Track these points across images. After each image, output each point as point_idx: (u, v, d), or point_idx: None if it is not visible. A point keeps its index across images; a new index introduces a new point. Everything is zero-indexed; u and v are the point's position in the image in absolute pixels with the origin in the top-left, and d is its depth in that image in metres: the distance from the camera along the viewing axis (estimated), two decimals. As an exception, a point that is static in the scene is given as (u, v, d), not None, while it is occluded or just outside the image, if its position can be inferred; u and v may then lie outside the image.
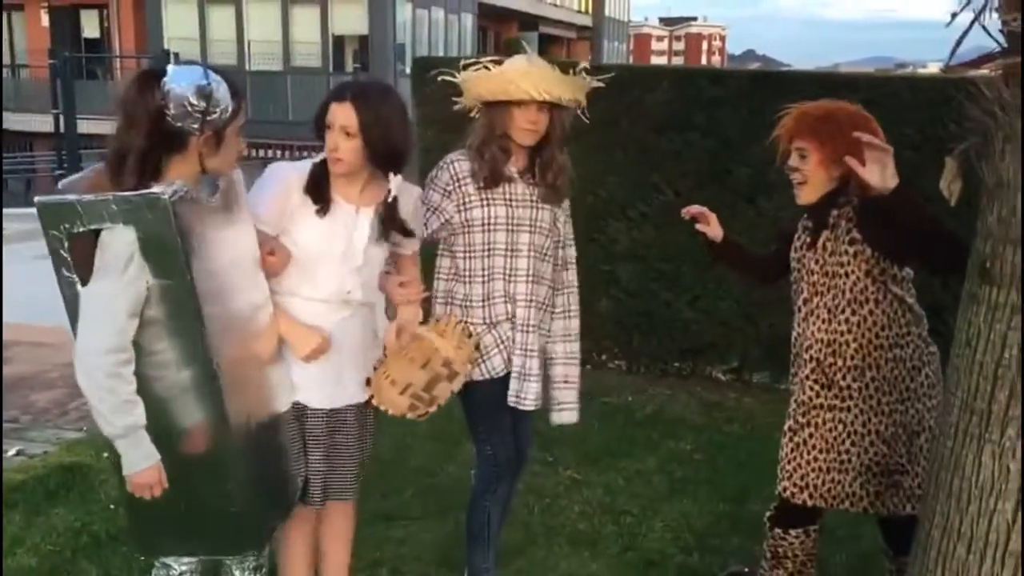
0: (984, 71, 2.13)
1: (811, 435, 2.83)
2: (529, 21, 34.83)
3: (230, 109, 2.29)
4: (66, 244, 2.17)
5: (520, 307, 2.97)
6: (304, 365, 2.68)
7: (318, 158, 2.67)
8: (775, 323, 5.32)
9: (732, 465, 4.50)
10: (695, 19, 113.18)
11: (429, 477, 4.20)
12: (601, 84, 2.97)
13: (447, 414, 3.03)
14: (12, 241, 11.53)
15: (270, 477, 2.60)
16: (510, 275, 2.96)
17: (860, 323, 2.74)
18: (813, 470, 2.83)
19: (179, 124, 2.23)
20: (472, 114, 2.96)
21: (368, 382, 2.78)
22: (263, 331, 2.59)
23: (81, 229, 2.15)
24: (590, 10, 26.61)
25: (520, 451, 3.16)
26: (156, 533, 2.51)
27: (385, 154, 2.61)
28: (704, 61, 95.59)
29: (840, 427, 2.79)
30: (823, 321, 2.79)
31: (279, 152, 16.08)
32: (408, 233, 2.79)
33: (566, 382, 3.13)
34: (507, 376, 2.98)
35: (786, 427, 2.91)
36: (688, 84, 5.60)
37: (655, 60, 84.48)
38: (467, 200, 2.92)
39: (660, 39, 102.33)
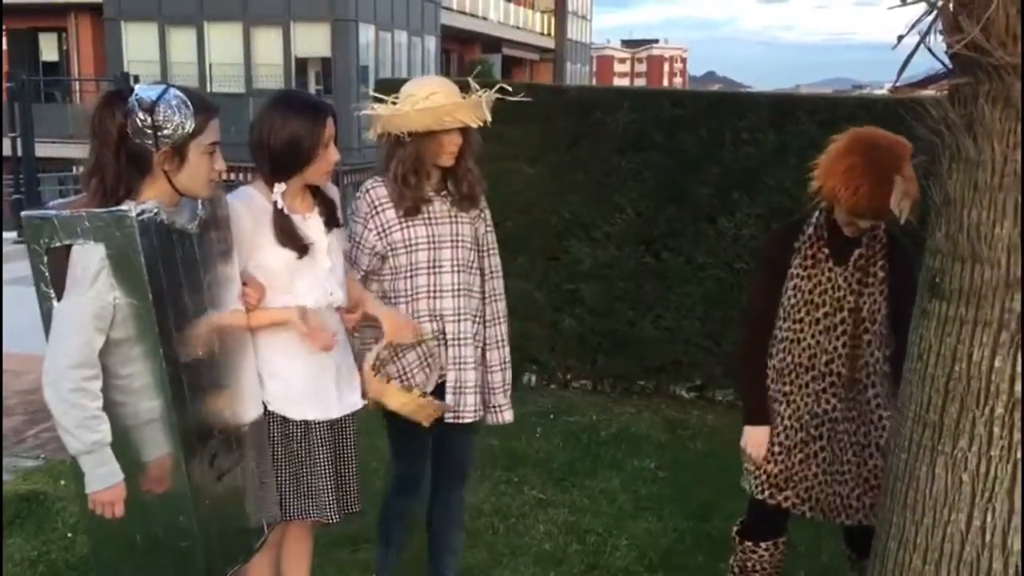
0: (931, 92, 2.20)
1: (822, 448, 2.86)
2: (492, 43, 35.02)
3: (186, 126, 2.28)
4: (44, 259, 2.22)
5: (449, 322, 2.98)
6: (302, 382, 2.71)
7: (258, 195, 2.67)
8: (738, 341, 5.38)
9: (696, 483, 4.52)
10: (656, 41, 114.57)
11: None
12: (508, 98, 3.00)
13: (411, 436, 3.02)
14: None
15: (228, 516, 2.54)
16: (435, 292, 2.97)
17: (871, 340, 2.80)
18: (819, 483, 2.86)
19: (138, 141, 2.26)
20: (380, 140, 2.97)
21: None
22: (240, 349, 2.60)
23: (57, 244, 2.20)
24: (552, 33, 26.85)
25: (458, 464, 3.20)
26: (115, 562, 2.48)
27: None
28: (666, 83, 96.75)
29: (846, 438, 2.84)
30: (848, 336, 2.81)
31: (241, 175, 15.97)
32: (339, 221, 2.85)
33: (504, 386, 3.14)
34: (431, 393, 2.99)
35: (793, 440, 2.88)
36: (649, 105, 5.68)
37: (617, 82, 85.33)
38: (387, 225, 2.95)
39: (622, 61, 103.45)
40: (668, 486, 4.51)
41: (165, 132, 2.25)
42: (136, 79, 14.37)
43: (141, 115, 2.24)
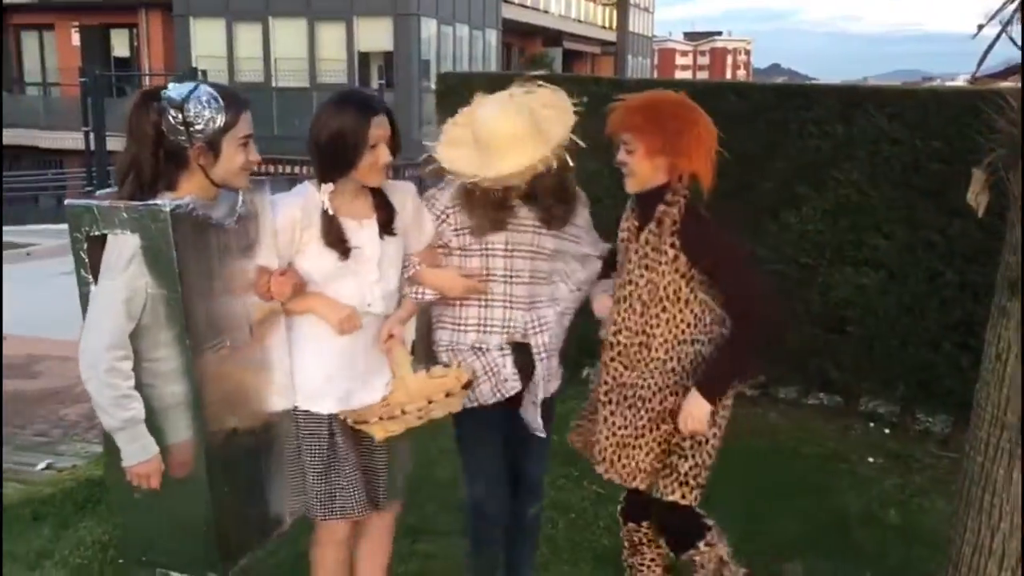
0: (1011, 83, 2.12)
1: (612, 412, 2.87)
2: (553, 37, 34.93)
3: (217, 121, 2.36)
4: (84, 246, 2.34)
5: (533, 335, 2.86)
6: (326, 376, 2.69)
7: (314, 193, 2.64)
8: (803, 338, 5.29)
9: (758, 481, 4.45)
10: (720, 34, 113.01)
11: (455, 492, 4.18)
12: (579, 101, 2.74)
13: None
14: (43, 257, 11.70)
15: (246, 504, 2.61)
16: (509, 302, 2.85)
17: (670, 320, 2.76)
18: (611, 445, 2.88)
19: (172, 138, 2.35)
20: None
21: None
22: (272, 340, 2.64)
23: (96, 232, 2.31)
24: (614, 26, 26.68)
25: (533, 478, 3.09)
26: (142, 539, 2.61)
27: None
28: (729, 75, 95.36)
29: (640, 404, 2.82)
30: (636, 313, 2.79)
31: (305, 168, 16.18)
32: (414, 224, 2.77)
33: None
34: (497, 405, 2.86)
35: (593, 410, 2.96)
36: (713, 97, 5.58)
37: (679, 75, 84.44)
38: (463, 224, 2.81)
39: (684, 54, 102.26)
40: (727, 483, 4.45)
41: (197, 127, 2.34)
42: (204, 74, 14.65)
43: (173, 113, 2.33)
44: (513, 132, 2.59)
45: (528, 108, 2.65)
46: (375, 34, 23.08)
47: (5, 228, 12.06)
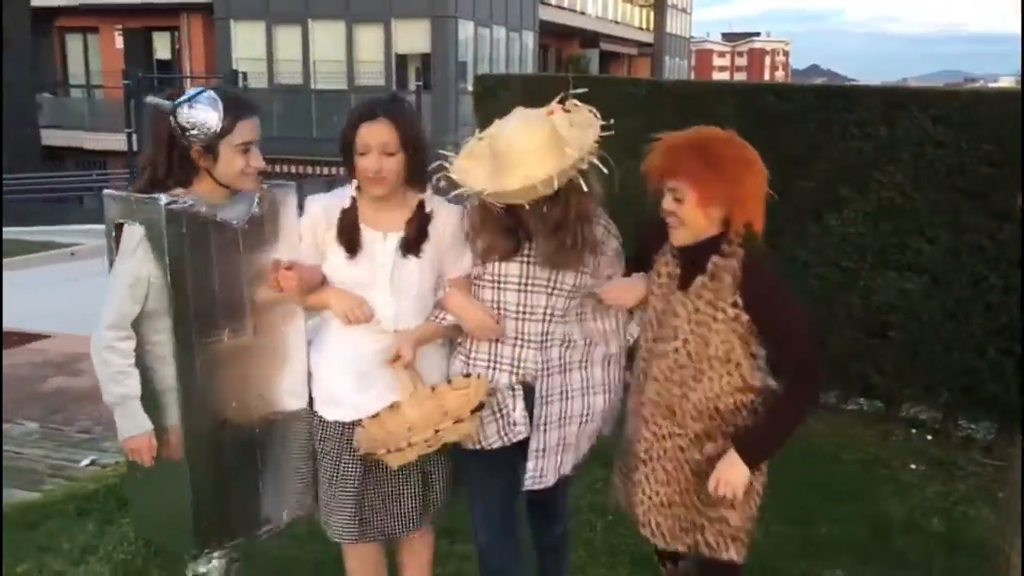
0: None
1: (653, 470, 2.64)
2: (590, 38, 34.85)
3: (210, 126, 2.47)
4: (113, 233, 2.54)
5: (538, 377, 2.67)
6: (337, 383, 2.67)
7: (348, 195, 2.63)
8: (843, 342, 5.22)
9: (798, 486, 4.41)
10: (758, 34, 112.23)
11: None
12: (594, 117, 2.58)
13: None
14: (87, 257, 11.88)
15: (235, 494, 2.68)
16: (520, 340, 2.67)
17: (718, 379, 2.52)
18: (655, 506, 2.66)
19: (179, 140, 2.49)
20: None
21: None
22: (282, 341, 2.71)
23: (119, 221, 2.52)
24: (651, 27, 26.56)
25: (552, 515, 2.96)
26: (142, 515, 2.85)
27: (421, 167, 2.58)
28: (767, 76, 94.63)
29: (679, 453, 2.60)
30: (680, 367, 2.55)
31: (342, 170, 16.26)
32: (451, 249, 2.65)
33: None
34: (503, 450, 2.70)
35: (632, 467, 2.71)
36: (752, 99, 5.55)
37: (716, 76, 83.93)
38: (476, 251, 2.67)
39: (722, 55, 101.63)
40: (769, 489, 4.40)
41: (191, 133, 2.47)
42: (244, 76, 14.81)
43: (172, 119, 2.47)
44: (529, 147, 2.43)
45: (552, 124, 2.49)
46: (412, 36, 23.18)
47: (49, 228, 12.29)
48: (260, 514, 2.75)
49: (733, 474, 2.49)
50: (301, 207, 2.72)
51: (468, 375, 2.68)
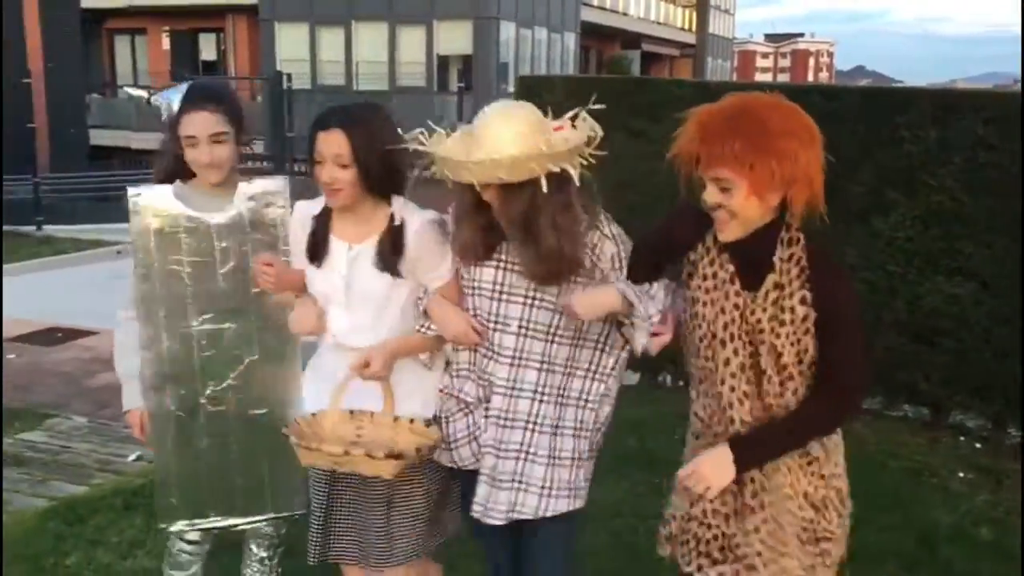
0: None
1: (764, 520, 2.24)
2: (631, 39, 34.77)
3: (163, 116, 2.67)
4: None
5: (498, 394, 2.42)
6: (316, 392, 2.59)
7: (323, 202, 2.51)
8: (889, 347, 5.15)
9: (843, 493, 4.36)
10: (802, 35, 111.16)
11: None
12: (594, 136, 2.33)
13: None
14: (128, 255, 12.09)
15: (201, 470, 2.76)
16: (492, 352, 2.44)
17: (783, 393, 2.16)
18: (770, 561, 2.27)
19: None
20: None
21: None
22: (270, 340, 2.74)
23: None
24: (694, 27, 26.41)
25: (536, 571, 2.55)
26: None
27: (383, 178, 2.40)
28: (811, 78, 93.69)
29: (776, 490, 2.24)
30: (755, 384, 2.16)
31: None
32: (424, 258, 2.45)
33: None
34: (477, 473, 2.45)
35: (739, 504, 2.27)
36: (800, 100, 5.48)
37: (759, 77, 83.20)
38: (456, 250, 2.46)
39: (765, 56, 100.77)
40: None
41: (164, 120, 2.64)
42: (288, 77, 14.94)
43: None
44: (505, 127, 2.23)
45: (539, 116, 2.30)
46: (455, 37, 23.29)
47: (94, 226, 12.50)
48: (234, 505, 2.78)
49: (716, 474, 2.15)
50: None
51: (430, 422, 2.52)
